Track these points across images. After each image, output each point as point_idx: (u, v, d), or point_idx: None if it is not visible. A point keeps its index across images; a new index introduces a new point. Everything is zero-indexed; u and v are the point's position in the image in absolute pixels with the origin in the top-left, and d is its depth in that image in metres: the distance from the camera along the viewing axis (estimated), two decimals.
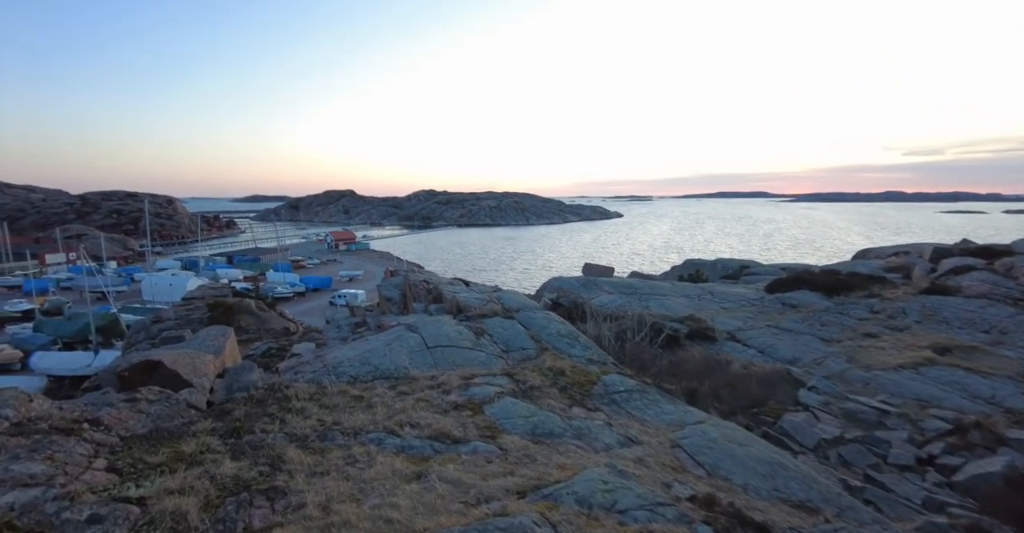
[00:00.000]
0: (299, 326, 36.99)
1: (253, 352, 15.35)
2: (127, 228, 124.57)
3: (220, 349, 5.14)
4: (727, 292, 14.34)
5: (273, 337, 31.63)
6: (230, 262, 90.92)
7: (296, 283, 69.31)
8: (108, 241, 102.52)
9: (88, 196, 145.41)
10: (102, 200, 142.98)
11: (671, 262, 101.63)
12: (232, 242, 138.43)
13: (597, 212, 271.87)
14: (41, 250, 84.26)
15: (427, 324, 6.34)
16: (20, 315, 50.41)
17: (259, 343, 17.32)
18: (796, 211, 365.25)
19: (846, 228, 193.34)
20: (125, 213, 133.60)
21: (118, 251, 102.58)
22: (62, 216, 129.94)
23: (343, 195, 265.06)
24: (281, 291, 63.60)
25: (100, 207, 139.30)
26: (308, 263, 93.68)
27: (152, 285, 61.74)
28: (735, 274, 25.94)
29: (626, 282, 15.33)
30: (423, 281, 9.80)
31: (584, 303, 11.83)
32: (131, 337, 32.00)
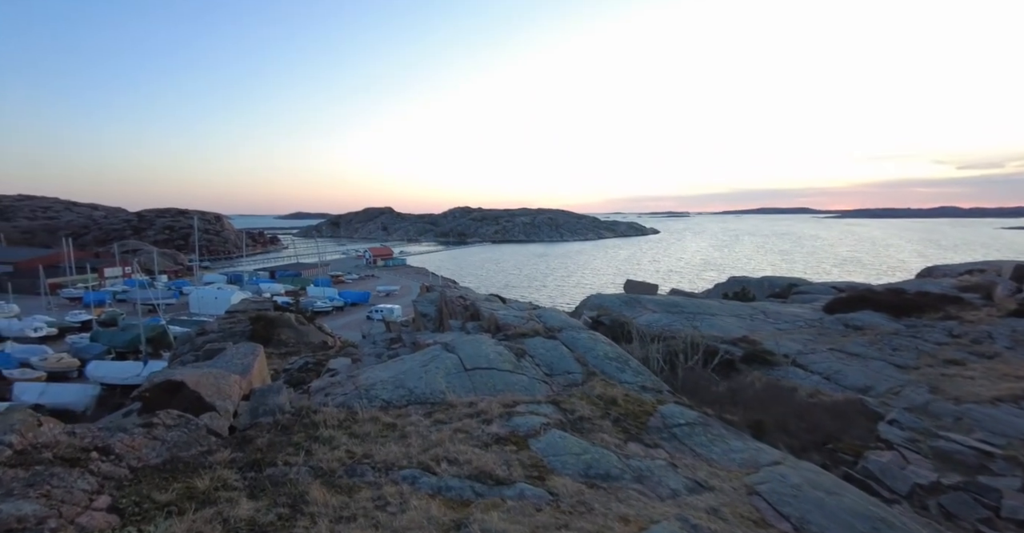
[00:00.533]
0: (337, 340, 37.39)
1: (291, 366, 15.26)
2: (178, 243, 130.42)
3: (248, 368, 4.85)
4: (782, 312, 13.38)
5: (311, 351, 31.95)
6: (273, 277, 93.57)
7: (335, 298, 70.59)
8: (160, 256, 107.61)
9: (144, 213, 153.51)
10: (156, 217, 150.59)
11: (709, 279, 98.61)
12: (275, 257, 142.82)
13: (633, 228, 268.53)
14: (100, 264, 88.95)
15: (465, 343, 5.90)
16: (79, 325, 53.03)
17: (296, 357, 17.33)
18: (841, 227, 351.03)
19: (897, 245, 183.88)
20: (177, 229, 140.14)
21: (169, 265, 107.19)
22: (120, 232, 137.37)
23: (382, 212, 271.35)
24: (321, 305, 64.87)
25: (154, 223, 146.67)
26: (347, 278, 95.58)
27: (199, 298, 64.15)
28: (783, 293, 24.66)
29: (671, 300, 14.56)
30: (459, 297, 9.44)
31: (627, 322, 11.19)
32: (177, 349, 33.06)
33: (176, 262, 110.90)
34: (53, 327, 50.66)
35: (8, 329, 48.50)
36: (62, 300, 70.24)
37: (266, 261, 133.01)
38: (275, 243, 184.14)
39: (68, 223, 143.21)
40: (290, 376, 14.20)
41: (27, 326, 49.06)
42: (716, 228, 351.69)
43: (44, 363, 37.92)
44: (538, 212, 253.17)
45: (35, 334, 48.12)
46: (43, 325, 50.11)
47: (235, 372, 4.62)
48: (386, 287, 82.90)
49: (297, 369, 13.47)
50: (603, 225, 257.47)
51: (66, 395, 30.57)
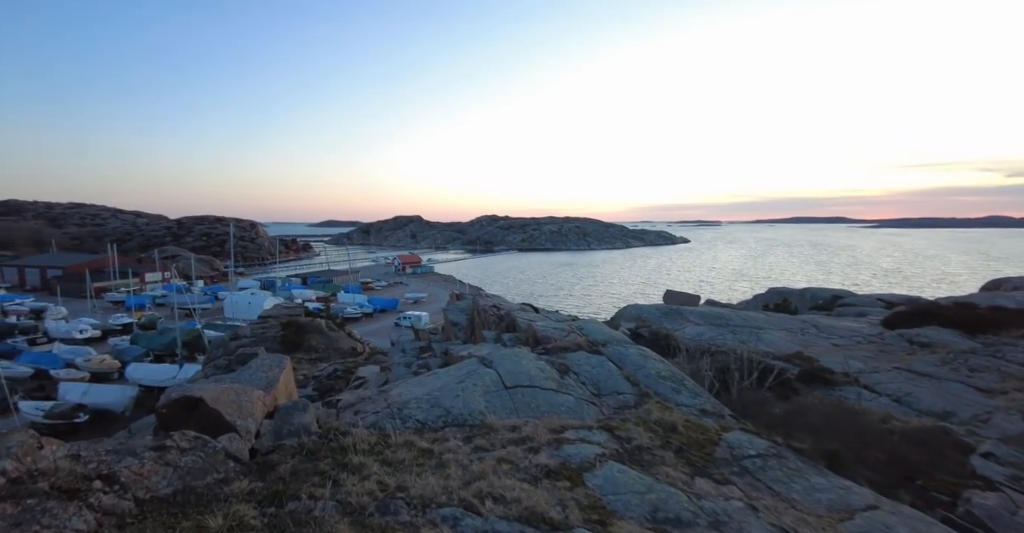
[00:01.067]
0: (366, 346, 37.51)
1: (320, 373, 15.15)
2: (215, 250, 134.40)
3: (272, 383, 4.49)
4: (835, 326, 12.47)
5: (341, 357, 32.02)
6: (305, 283, 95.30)
7: (365, 304, 71.27)
8: (197, 261, 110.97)
9: (183, 220, 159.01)
10: (194, 224, 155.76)
11: (742, 290, 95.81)
12: (307, 264, 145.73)
13: (662, 237, 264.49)
14: (141, 269, 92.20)
15: (503, 358, 5.46)
16: (121, 328, 54.91)
17: (326, 364, 17.20)
18: (880, 237, 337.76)
19: (942, 256, 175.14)
20: (213, 236, 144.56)
21: (206, 271, 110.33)
22: (161, 238, 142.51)
23: (410, 220, 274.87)
24: (351, 311, 65.64)
25: (193, 230, 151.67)
26: (376, 285, 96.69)
27: (233, 303, 65.62)
28: (827, 305, 23.51)
29: (715, 312, 13.74)
30: (492, 306, 9.00)
31: (669, 335, 10.54)
32: (211, 352, 33.65)
33: (212, 268, 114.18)
34: (97, 329, 52.58)
35: (56, 330, 50.60)
36: (106, 303, 73.01)
37: (299, 268, 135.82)
38: (307, 250, 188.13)
39: (114, 230, 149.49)
40: (319, 383, 13.99)
41: (73, 328, 51.05)
42: (748, 237, 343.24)
43: (88, 364, 39.28)
44: (565, 220, 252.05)
45: (81, 336, 50.05)
46: (88, 327, 52.05)
47: (259, 387, 4.27)
48: (414, 294, 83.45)
49: (326, 376, 13.27)
50: (631, 234, 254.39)
51: (107, 396, 31.41)
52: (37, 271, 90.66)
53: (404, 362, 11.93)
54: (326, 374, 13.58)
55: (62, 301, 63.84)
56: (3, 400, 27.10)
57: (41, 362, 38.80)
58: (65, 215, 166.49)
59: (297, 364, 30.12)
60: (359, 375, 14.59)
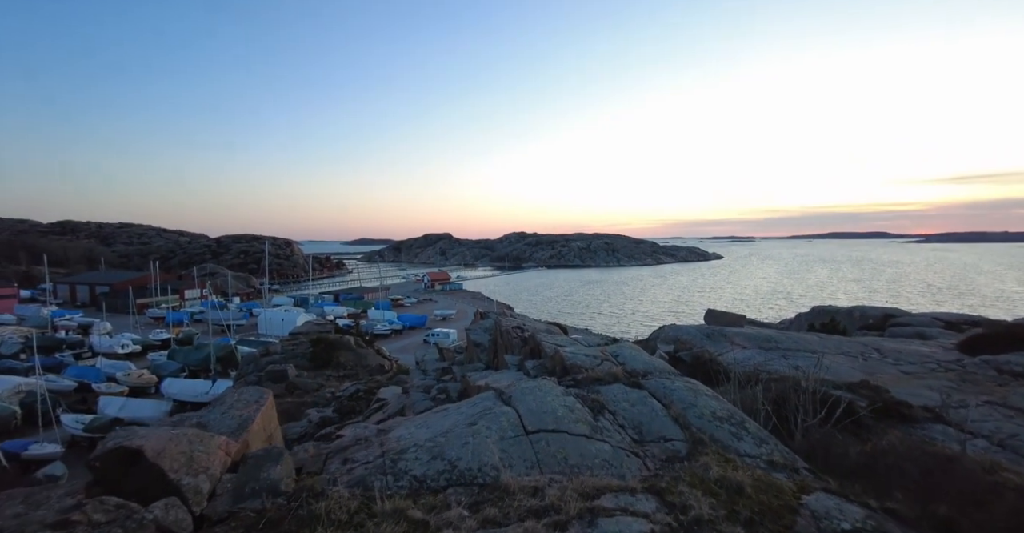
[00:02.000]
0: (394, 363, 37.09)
1: (342, 393, 14.54)
2: (251, 267, 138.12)
3: (245, 424, 3.76)
4: (901, 350, 11.08)
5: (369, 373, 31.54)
6: (337, 300, 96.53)
7: (394, 321, 71.50)
8: (234, 279, 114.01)
9: (222, 239, 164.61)
10: (233, 243, 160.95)
11: (779, 308, 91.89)
12: (340, 281, 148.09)
13: (693, 253, 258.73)
14: (181, 286, 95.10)
15: (525, 392, 4.60)
16: (160, 343, 56.37)
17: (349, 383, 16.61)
18: (926, 253, 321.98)
19: (995, 272, 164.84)
20: (251, 254, 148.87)
21: (242, 288, 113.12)
22: (201, 256, 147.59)
23: (440, 238, 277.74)
24: (380, 328, 65.95)
25: (231, 248, 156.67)
26: (406, 302, 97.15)
27: (267, 319, 66.77)
28: (878, 324, 21.77)
29: (763, 334, 12.56)
30: (515, 327, 8.16)
31: (712, 359, 9.44)
32: (243, 368, 33.76)
33: (249, 285, 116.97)
34: (138, 344, 54.03)
35: (99, 345, 52.28)
36: (147, 319, 75.44)
37: (332, 285, 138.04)
38: (340, 267, 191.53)
39: (158, 248, 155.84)
40: (340, 404, 13.30)
41: (116, 343, 52.61)
42: (784, 253, 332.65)
43: (127, 378, 40.21)
44: (594, 237, 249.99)
45: (122, 351, 51.55)
46: (129, 342, 53.62)
47: (226, 430, 3.54)
48: (443, 311, 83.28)
49: (348, 396, 12.60)
50: (662, 250, 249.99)
51: (143, 410, 31.82)
52: (86, 288, 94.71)
53: (424, 385, 11.18)
54: (347, 394, 12.95)
55: (107, 316, 66.10)
56: (47, 413, 27.72)
57: (85, 376, 40.01)
58: (115, 234, 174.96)
59: (325, 381, 29.83)
60: (380, 396, 13.80)
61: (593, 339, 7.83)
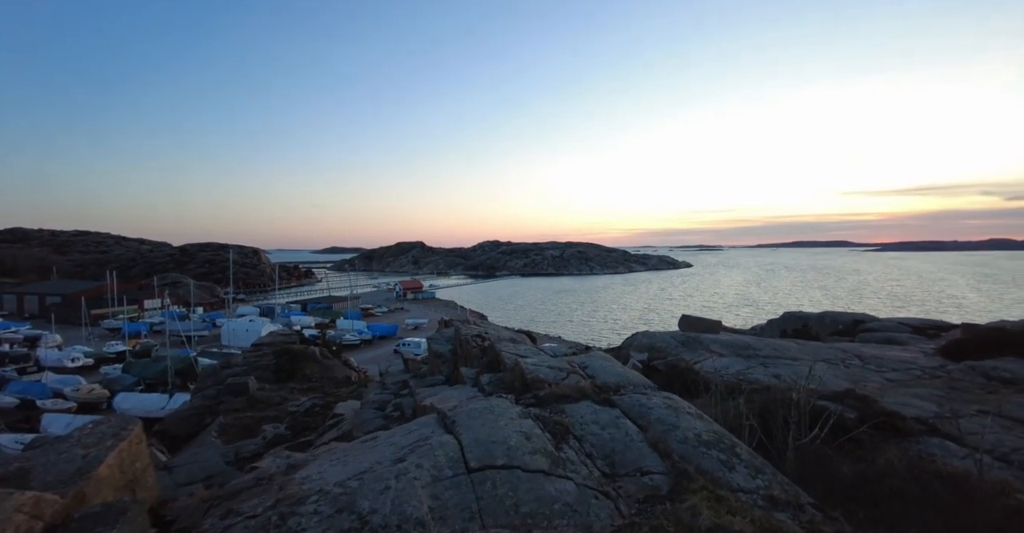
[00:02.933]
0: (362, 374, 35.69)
1: (297, 408, 13.52)
2: (217, 276, 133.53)
3: (83, 471, 2.83)
4: (883, 356, 10.81)
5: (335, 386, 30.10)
6: (305, 309, 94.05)
7: (364, 330, 70.05)
8: (198, 288, 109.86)
9: (186, 247, 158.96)
10: (198, 251, 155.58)
11: (746, 315, 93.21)
12: (309, 290, 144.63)
13: (664, 262, 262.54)
14: (140, 296, 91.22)
15: (472, 416, 3.77)
16: (115, 356, 53.45)
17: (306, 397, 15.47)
18: (885, 261, 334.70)
19: (949, 280, 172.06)
20: (216, 263, 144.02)
21: (206, 297, 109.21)
22: (164, 265, 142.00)
23: (413, 246, 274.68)
24: (349, 338, 64.48)
25: (195, 257, 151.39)
26: (377, 311, 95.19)
27: (231, 330, 64.48)
28: (848, 330, 21.83)
29: (741, 341, 12.45)
30: (476, 336, 7.36)
31: (688, 368, 8.79)
32: (201, 381, 31.85)
33: (213, 294, 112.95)
34: (90, 357, 51.25)
35: (47, 359, 49.12)
36: (102, 331, 71.94)
37: (300, 294, 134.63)
38: (309, 276, 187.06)
39: (117, 257, 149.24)
40: (294, 420, 12.19)
41: (65, 356, 49.72)
42: (750, 262, 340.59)
43: (76, 394, 37.84)
44: (567, 245, 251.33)
45: (72, 364, 48.71)
46: (80, 355, 50.82)
47: (51, 480, 2.62)
48: (415, 320, 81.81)
49: (303, 412, 11.53)
50: (633, 258, 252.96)
51: None
52: (36, 298, 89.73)
53: (380, 401, 10.28)
54: (304, 409, 11.84)
55: (58, 329, 62.45)
56: None
57: (28, 392, 37.61)
58: (70, 242, 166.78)
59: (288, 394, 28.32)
60: (337, 412, 12.66)
61: (561, 348, 7.04)
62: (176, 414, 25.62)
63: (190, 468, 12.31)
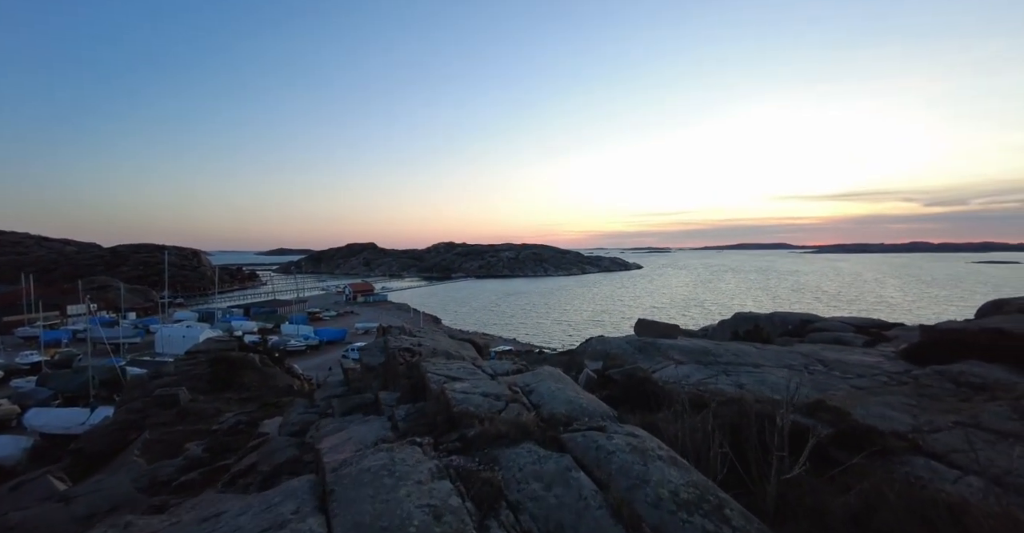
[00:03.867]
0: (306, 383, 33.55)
1: (220, 426, 11.77)
2: (153, 279, 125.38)
3: None
4: (845, 361, 10.37)
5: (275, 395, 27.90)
6: (247, 314, 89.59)
7: (310, 336, 67.43)
8: (130, 292, 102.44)
9: (119, 248, 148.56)
10: (132, 252, 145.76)
11: (693, 316, 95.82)
12: (253, 294, 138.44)
13: (616, 263, 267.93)
14: (63, 301, 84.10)
15: (361, 483, 2.65)
16: (28, 367, 48.72)
17: (231, 413, 13.66)
18: (821, 263, 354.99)
19: (879, 280, 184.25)
20: (152, 265, 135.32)
21: (139, 302, 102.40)
22: (92, 268, 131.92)
23: (364, 248, 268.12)
24: (295, 344, 62.02)
25: (129, 259, 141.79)
26: (325, 315, 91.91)
27: (166, 337, 60.93)
28: (797, 330, 21.99)
29: (700, 346, 11.79)
30: (404, 349, 6.21)
31: (646, 378, 7.95)
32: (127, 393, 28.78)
33: (148, 299, 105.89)
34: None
35: None
36: (16, 340, 66.17)
37: (243, 298, 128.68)
38: (253, 279, 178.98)
39: (37, 259, 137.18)
40: (215, 440, 10.50)
41: None
42: (697, 263, 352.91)
43: None
44: (522, 247, 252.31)
45: None
46: None
47: None
48: (365, 324, 79.23)
49: (226, 430, 9.94)
50: (587, 260, 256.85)
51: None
52: None
53: (300, 422, 8.93)
54: (227, 427, 10.24)
55: None
56: None
57: None
58: None
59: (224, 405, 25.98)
60: (263, 431, 11.05)
61: (504, 365, 5.94)
62: (95, 431, 22.99)
63: (94, 498, 10.30)
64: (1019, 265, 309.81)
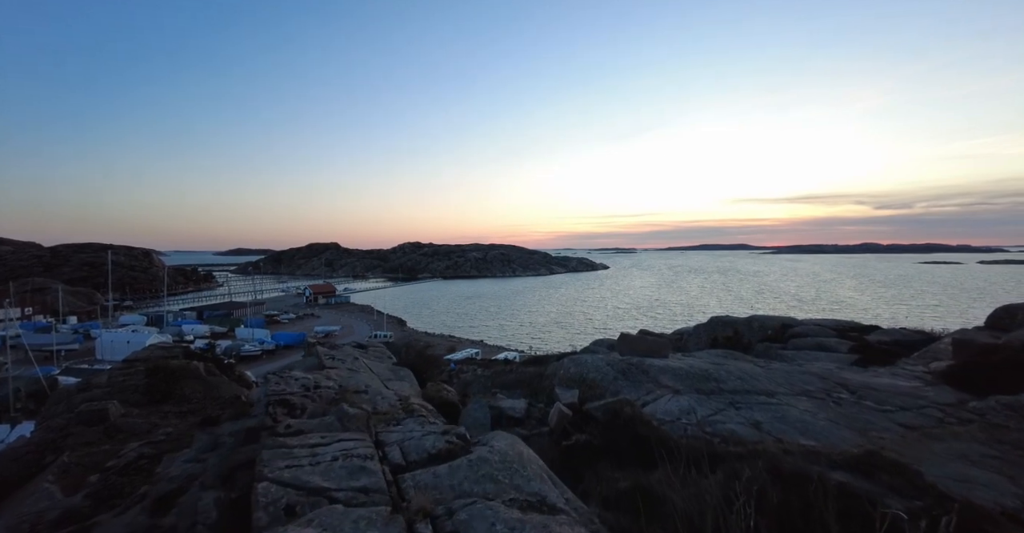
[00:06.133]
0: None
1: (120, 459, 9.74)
2: (98, 281, 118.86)
3: None
4: (872, 385, 8.98)
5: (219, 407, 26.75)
6: (200, 317, 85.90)
7: (266, 340, 64.92)
8: (71, 294, 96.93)
9: (59, 248, 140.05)
10: (74, 252, 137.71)
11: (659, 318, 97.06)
12: (208, 296, 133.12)
13: (583, 264, 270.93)
14: None
15: None
16: None
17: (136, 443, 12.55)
18: (781, 263, 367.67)
19: (836, 280, 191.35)
20: (97, 265, 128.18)
21: (82, 305, 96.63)
22: (29, 268, 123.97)
23: (327, 248, 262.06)
24: (249, 349, 59.51)
25: (71, 260, 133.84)
26: (283, 318, 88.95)
27: (108, 342, 56.98)
28: (778, 335, 20.52)
29: (697, 368, 9.98)
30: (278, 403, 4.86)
31: (636, 416, 6.72)
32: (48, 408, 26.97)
33: (92, 302, 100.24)
34: None
35: None
36: None
37: (197, 300, 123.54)
38: (208, 281, 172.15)
39: None
40: (105, 481, 8.76)
41: None
42: (662, 264, 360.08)
43: None
44: (490, 248, 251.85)
45: None
46: None
47: None
48: (325, 327, 77.01)
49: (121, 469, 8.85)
50: (554, 261, 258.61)
51: None
52: None
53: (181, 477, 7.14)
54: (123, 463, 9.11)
55: None
56: None
57: None
58: None
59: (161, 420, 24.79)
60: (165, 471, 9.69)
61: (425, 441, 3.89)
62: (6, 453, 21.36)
63: None
64: (961, 265, 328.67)
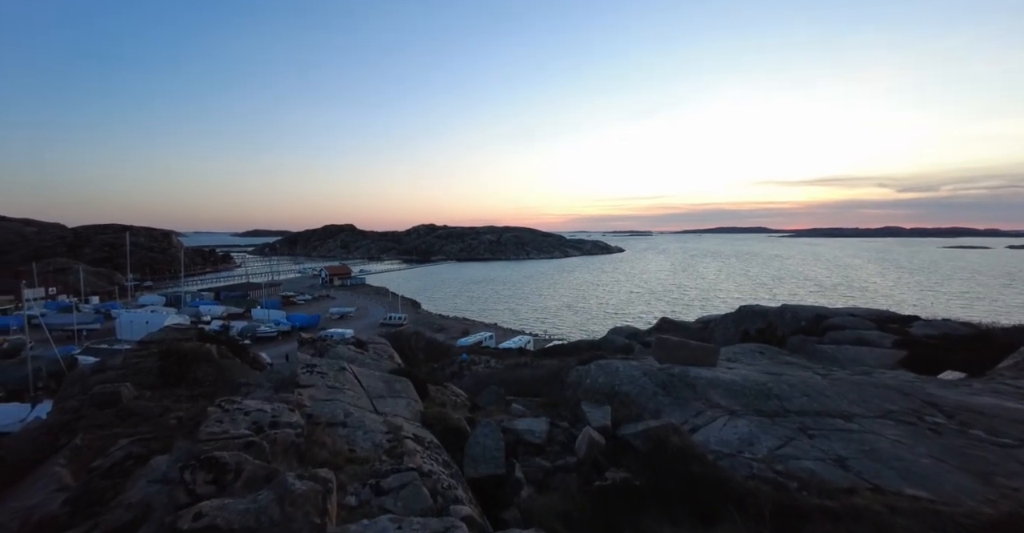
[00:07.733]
0: None
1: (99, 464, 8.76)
2: (119, 262, 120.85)
3: None
4: (974, 407, 7.29)
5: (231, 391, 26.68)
6: (217, 298, 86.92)
7: (282, 321, 65.17)
8: (92, 275, 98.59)
9: (81, 230, 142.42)
10: (96, 234, 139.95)
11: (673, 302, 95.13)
12: (226, 277, 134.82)
13: (598, 247, 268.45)
14: (16, 285, 79.99)
15: None
16: None
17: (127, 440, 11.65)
18: (800, 247, 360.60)
19: (859, 266, 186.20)
20: (118, 246, 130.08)
21: (103, 286, 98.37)
22: (52, 249, 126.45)
23: (342, 230, 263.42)
24: (264, 330, 59.84)
25: (92, 241, 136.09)
26: (299, 299, 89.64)
27: (128, 322, 57.71)
28: (812, 328, 18.76)
29: (753, 381, 8.38)
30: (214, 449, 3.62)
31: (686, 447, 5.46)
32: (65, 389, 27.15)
33: (112, 282, 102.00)
34: None
35: None
36: None
37: (215, 281, 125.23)
38: (227, 262, 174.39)
39: None
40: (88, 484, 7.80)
41: None
42: (677, 248, 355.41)
43: None
44: (504, 230, 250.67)
45: None
46: None
47: None
48: (340, 309, 77.22)
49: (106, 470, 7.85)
50: (569, 243, 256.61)
51: None
52: None
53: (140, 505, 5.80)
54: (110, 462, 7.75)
55: None
56: None
57: None
58: None
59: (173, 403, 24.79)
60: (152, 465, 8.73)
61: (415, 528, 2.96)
62: (21, 434, 21.42)
63: None
64: (990, 250, 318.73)
